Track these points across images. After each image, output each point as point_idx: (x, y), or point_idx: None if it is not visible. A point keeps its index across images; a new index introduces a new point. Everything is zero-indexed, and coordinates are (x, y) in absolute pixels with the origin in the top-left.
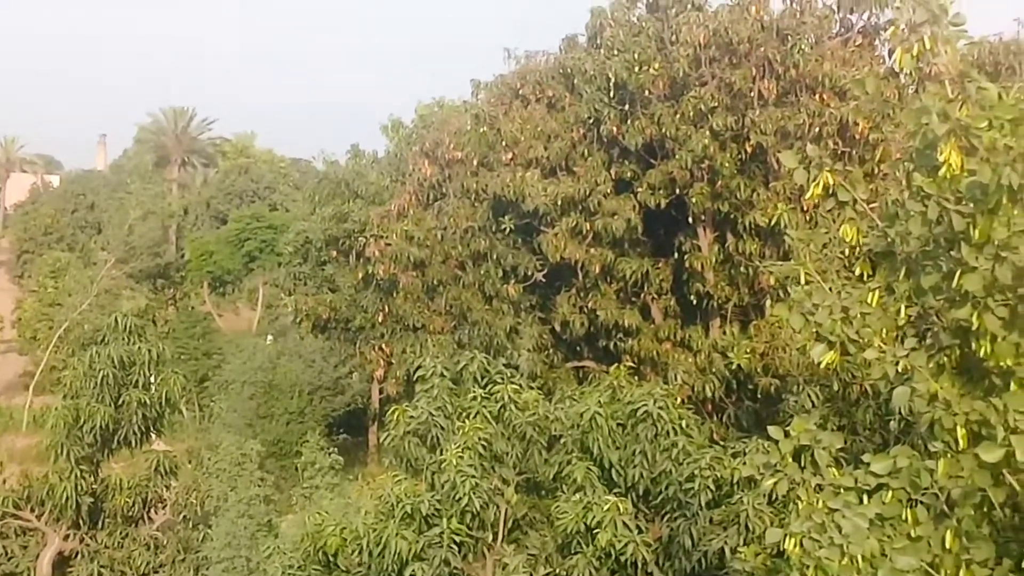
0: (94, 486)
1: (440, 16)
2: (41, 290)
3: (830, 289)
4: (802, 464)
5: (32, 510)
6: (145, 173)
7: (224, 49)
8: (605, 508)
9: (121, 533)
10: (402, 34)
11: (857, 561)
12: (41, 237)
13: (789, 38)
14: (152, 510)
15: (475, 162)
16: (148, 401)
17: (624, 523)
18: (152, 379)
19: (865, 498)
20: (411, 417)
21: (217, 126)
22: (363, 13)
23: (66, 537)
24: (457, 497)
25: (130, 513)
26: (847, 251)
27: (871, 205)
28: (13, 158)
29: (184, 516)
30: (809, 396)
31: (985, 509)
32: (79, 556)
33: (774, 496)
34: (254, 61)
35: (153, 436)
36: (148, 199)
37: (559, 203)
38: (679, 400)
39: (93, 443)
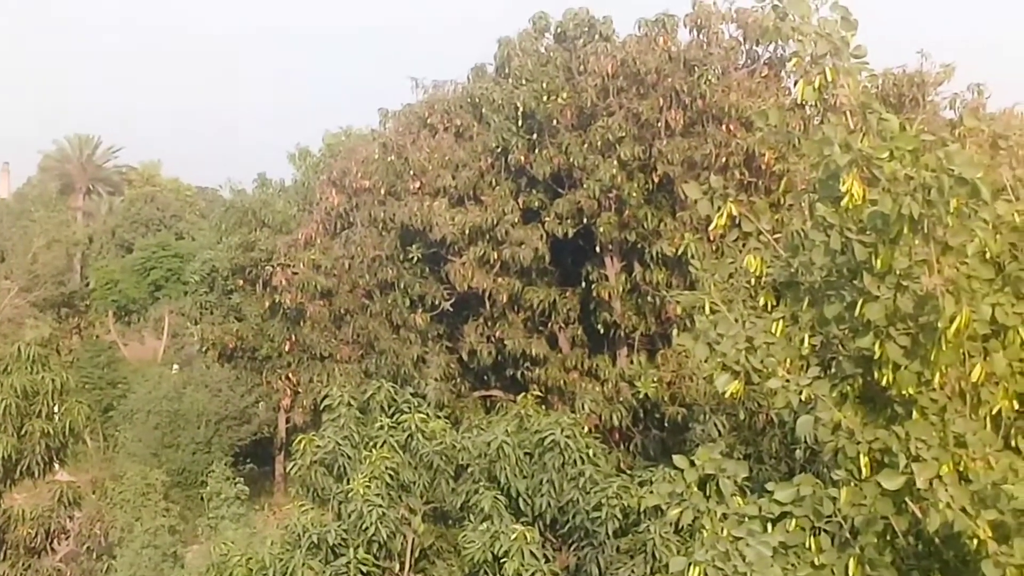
0: None
1: (348, 42)
2: None
3: (735, 319)
4: (707, 493)
5: None
6: (49, 201)
7: (133, 78)
8: (512, 537)
9: (23, 564)
10: (309, 60)
11: None
12: None
13: (696, 69)
14: (55, 541)
15: (383, 191)
16: (52, 431)
17: (531, 552)
18: (56, 409)
19: (769, 526)
20: (318, 446)
21: (123, 154)
22: (267, 41)
23: None
24: (364, 527)
25: (32, 544)
26: (752, 281)
27: (775, 235)
28: None
29: (88, 547)
30: (715, 425)
31: (888, 537)
32: None
33: (680, 525)
34: (162, 89)
35: (56, 466)
36: (53, 227)
37: (467, 232)
38: (586, 429)
39: None
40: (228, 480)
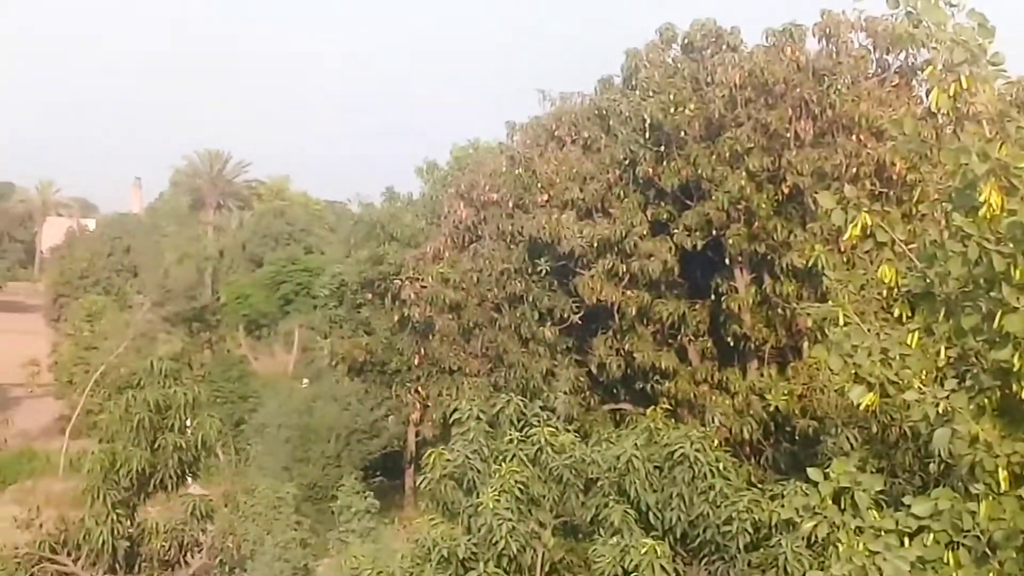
0: (130, 530)
1: (475, 55)
2: (77, 334)
3: (869, 330)
4: (842, 506)
5: (69, 554)
6: (180, 216)
7: (261, 92)
8: (643, 551)
9: None
10: (437, 75)
11: None
12: (77, 281)
13: (825, 78)
14: (188, 554)
15: (511, 204)
16: (184, 445)
17: (662, 566)
18: (188, 423)
19: (906, 540)
20: (447, 460)
21: (252, 169)
22: (394, 56)
23: None
24: (494, 541)
25: (166, 557)
26: (885, 292)
27: (909, 246)
28: (49, 202)
29: (220, 560)
30: (848, 438)
31: None
32: None
33: (813, 539)
34: (290, 106)
35: (189, 480)
36: (184, 242)
37: (595, 245)
38: (716, 442)
39: (129, 487)
40: (358, 494)
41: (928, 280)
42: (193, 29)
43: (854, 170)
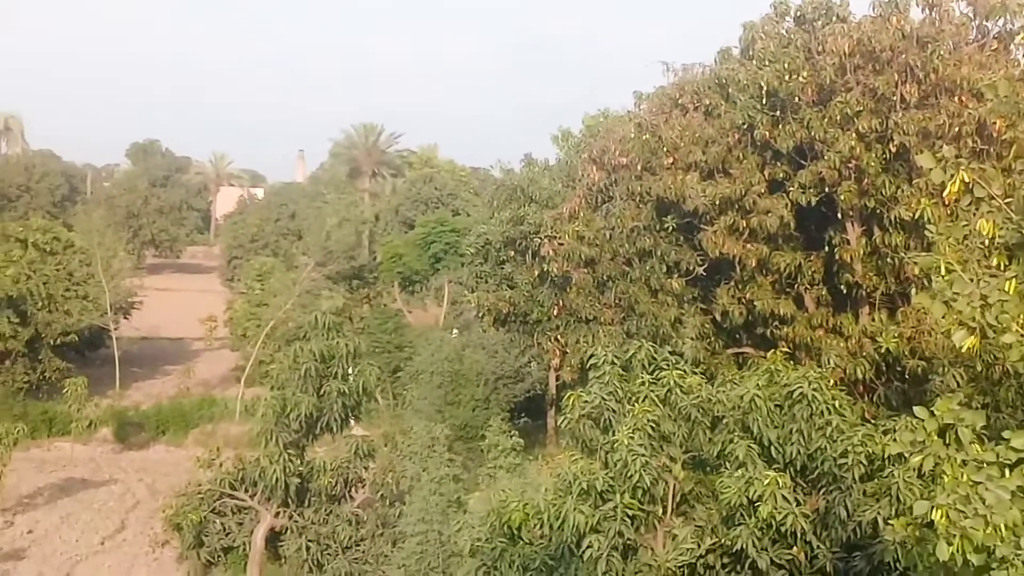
0: (300, 468)
1: (604, 31)
2: (249, 292)
3: (970, 279)
4: (947, 441)
5: (246, 490)
6: (340, 184)
7: (412, 66)
8: (765, 483)
9: (325, 510)
10: (570, 49)
11: (1000, 530)
12: (248, 244)
13: (929, 45)
14: (353, 489)
15: (639, 167)
16: (347, 391)
17: (783, 496)
18: (350, 371)
19: (1007, 472)
20: (585, 402)
21: (403, 139)
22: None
23: (276, 515)
24: (629, 474)
25: (333, 492)
26: (985, 243)
27: (1006, 200)
28: (223, 173)
29: (381, 494)
30: (954, 376)
31: None
32: (288, 532)
33: (922, 471)
34: (438, 78)
35: (352, 422)
36: (343, 207)
37: (717, 203)
38: (832, 382)
39: (299, 429)
40: (505, 433)
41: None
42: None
43: (956, 129)
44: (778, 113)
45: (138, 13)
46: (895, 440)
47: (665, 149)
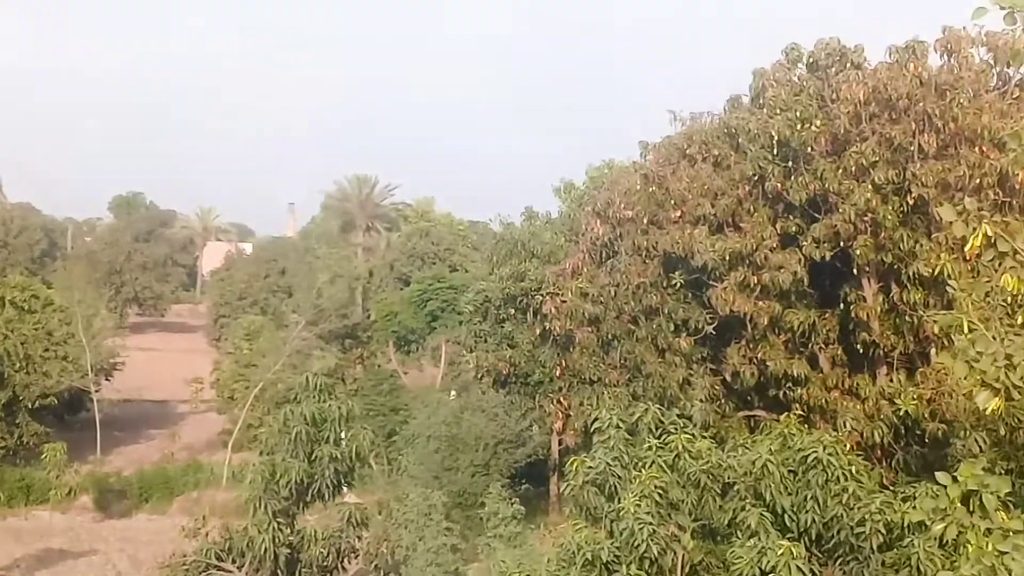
0: (291, 537)
1: (601, 79)
2: (237, 352)
3: (993, 337)
4: (971, 508)
5: (233, 561)
6: (332, 238)
7: (408, 122)
8: (779, 553)
9: None
10: (565, 94)
11: None
12: (236, 301)
13: (948, 93)
14: (346, 560)
15: (645, 220)
16: (339, 456)
17: (798, 567)
18: (343, 435)
19: None
20: (589, 467)
21: (399, 192)
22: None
23: None
24: (635, 544)
25: (325, 563)
26: (1009, 299)
27: None
28: (210, 227)
29: (376, 565)
30: (976, 441)
31: None
32: None
33: (944, 540)
34: (434, 132)
35: (344, 489)
36: (335, 263)
37: (727, 258)
38: (848, 446)
39: (289, 496)
40: (505, 500)
41: None
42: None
43: (977, 181)
44: (790, 164)
45: (119, 63)
46: (916, 507)
47: (672, 202)
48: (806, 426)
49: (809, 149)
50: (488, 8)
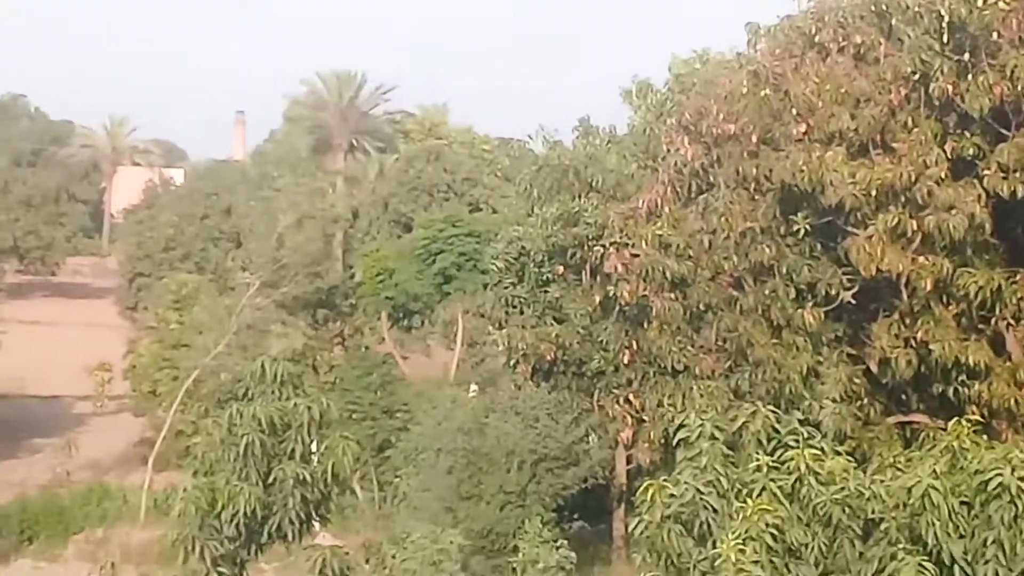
0: None
1: None
2: (161, 326)
3: None
4: None
5: None
6: (298, 162)
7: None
8: None
9: None
10: None
11: None
12: (160, 254)
13: None
14: None
15: (754, 138)
16: (308, 478)
17: None
18: (313, 447)
19: None
20: (671, 496)
21: (396, 96)
22: None
23: None
24: None
25: None
26: None
27: None
28: (121, 147)
29: None
30: None
31: None
32: None
33: None
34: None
35: (316, 526)
36: (303, 198)
37: (873, 194)
38: None
39: (235, 536)
40: (548, 543)
41: None
42: None
43: None
44: (967, 57)
45: None
46: None
47: (794, 111)
48: (986, 437)
49: (995, 35)
50: None
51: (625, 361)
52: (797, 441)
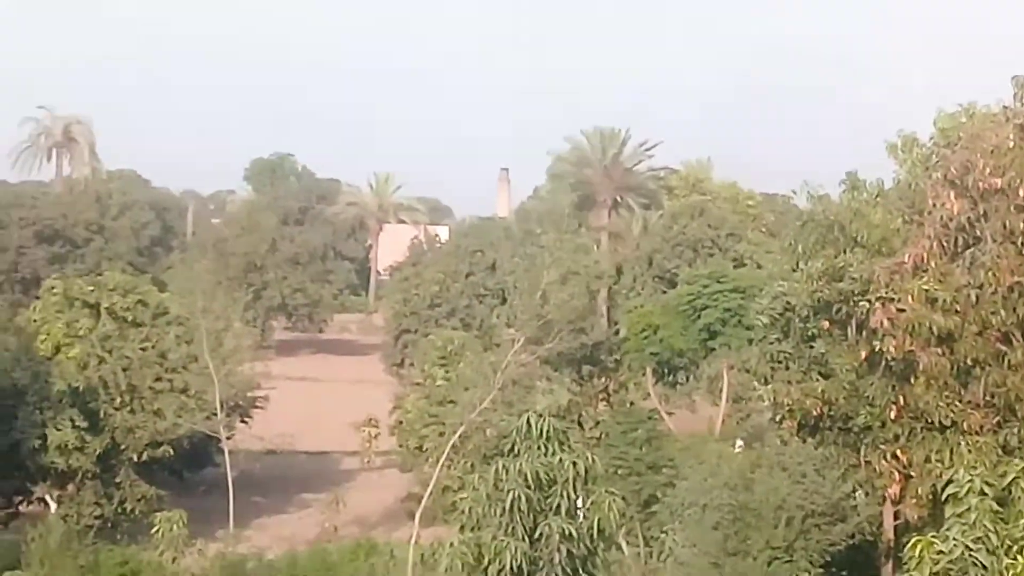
0: None
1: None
2: (428, 382)
3: None
4: None
5: None
6: (562, 219)
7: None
8: None
9: None
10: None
11: None
12: (426, 311)
13: None
14: None
15: (1021, 192)
16: (574, 533)
17: None
18: (579, 503)
19: None
20: (940, 552)
21: (660, 153)
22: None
23: None
24: None
25: None
26: None
27: None
28: (387, 204)
29: None
30: None
31: None
32: None
33: None
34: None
35: None
36: (567, 255)
37: None
38: None
39: None
40: None
41: None
42: None
43: None
44: None
45: None
46: None
47: None
48: None
49: None
50: None
51: (892, 416)
52: None
